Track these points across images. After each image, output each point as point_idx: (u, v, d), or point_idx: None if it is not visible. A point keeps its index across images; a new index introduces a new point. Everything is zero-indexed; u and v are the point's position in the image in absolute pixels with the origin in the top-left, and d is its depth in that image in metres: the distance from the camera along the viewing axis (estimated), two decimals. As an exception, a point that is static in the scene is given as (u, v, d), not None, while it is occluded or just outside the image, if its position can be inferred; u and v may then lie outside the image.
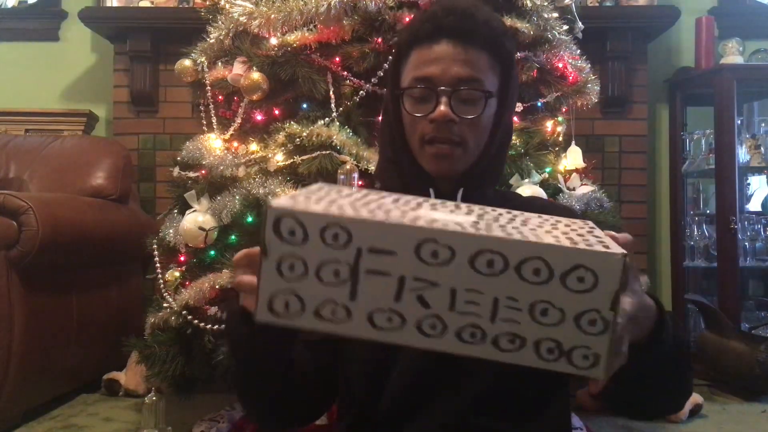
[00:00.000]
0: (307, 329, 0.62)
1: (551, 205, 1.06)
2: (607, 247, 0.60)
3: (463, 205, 0.74)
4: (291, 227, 0.60)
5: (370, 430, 0.93)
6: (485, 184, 1.00)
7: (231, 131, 1.90)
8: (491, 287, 0.59)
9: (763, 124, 2.83)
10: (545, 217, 0.72)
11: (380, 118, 1.11)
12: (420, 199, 0.74)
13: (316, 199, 0.64)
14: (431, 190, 0.96)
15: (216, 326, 1.61)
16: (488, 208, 0.72)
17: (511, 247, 0.59)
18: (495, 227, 0.62)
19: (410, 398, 0.91)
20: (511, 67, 0.98)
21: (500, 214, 0.70)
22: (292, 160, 1.75)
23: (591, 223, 0.71)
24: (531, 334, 0.60)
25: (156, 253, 1.85)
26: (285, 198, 0.64)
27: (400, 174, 0.99)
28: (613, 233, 0.67)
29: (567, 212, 0.99)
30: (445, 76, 0.92)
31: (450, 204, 0.74)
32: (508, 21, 1.77)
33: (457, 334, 0.60)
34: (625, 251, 0.59)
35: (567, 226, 0.69)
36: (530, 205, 1.01)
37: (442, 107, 0.92)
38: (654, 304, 0.74)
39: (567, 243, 0.60)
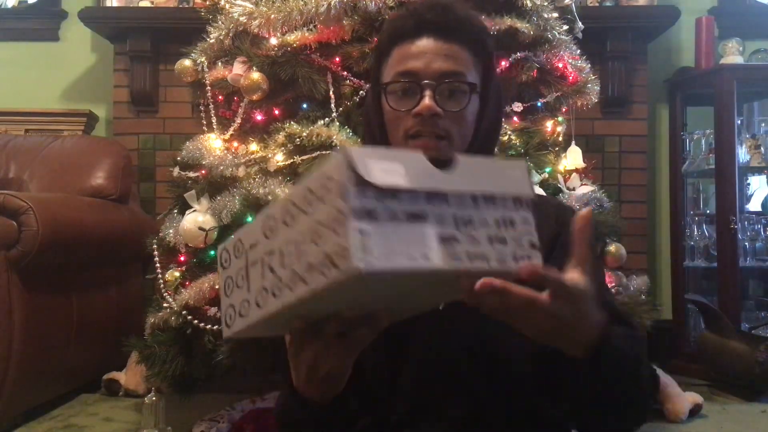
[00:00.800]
0: (241, 332, 0.72)
1: (544, 199, 1.07)
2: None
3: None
4: (224, 255, 0.74)
5: None
6: None
7: (231, 131, 1.90)
8: (288, 235, 0.65)
9: (763, 124, 2.83)
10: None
11: (362, 116, 1.11)
12: None
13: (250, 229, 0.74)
14: None
15: (216, 326, 1.61)
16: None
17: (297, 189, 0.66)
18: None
19: (422, 402, 0.90)
20: (492, 64, 0.98)
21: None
22: (292, 160, 1.75)
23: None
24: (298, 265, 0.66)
25: (156, 253, 1.85)
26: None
27: None
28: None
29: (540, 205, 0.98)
30: (428, 69, 0.92)
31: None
32: (508, 21, 1.77)
33: (288, 287, 0.64)
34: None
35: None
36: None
37: (426, 100, 0.91)
38: (603, 321, 0.72)
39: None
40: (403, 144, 0.94)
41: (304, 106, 1.86)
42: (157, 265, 1.83)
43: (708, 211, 2.88)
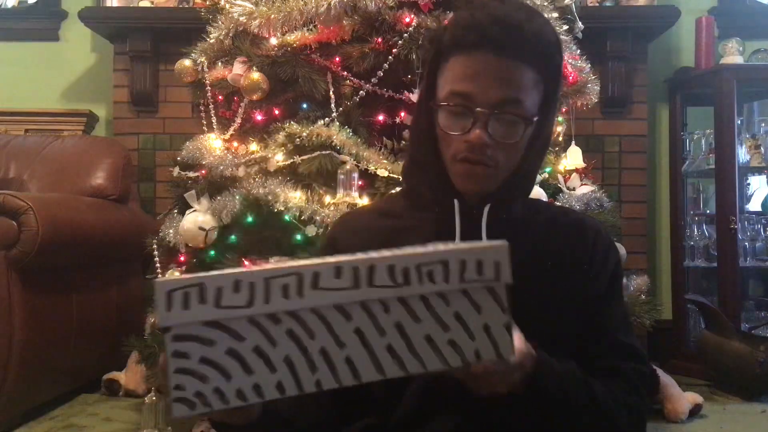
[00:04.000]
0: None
1: (578, 222, 1.01)
2: None
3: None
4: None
5: None
6: (513, 200, 0.96)
7: (231, 131, 1.90)
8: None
9: (763, 124, 2.83)
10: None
11: (413, 116, 1.07)
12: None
13: None
14: (456, 202, 0.93)
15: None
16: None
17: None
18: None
19: (429, 401, 0.89)
20: (557, 83, 0.93)
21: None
22: (292, 160, 1.75)
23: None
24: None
25: (156, 253, 1.85)
26: None
27: (428, 179, 0.96)
28: None
29: (582, 229, 0.98)
30: (484, 96, 0.86)
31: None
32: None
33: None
34: None
35: None
36: (554, 222, 0.99)
37: (477, 131, 0.87)
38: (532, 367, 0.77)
39: None
40: (451, 164, 0.91)
41: (304, 106, 1.86)
42: (157, 265, 1.83)
43: (708, 211, 2.88)
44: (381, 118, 1.84)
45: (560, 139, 2.09)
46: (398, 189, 1.59)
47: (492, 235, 0.91)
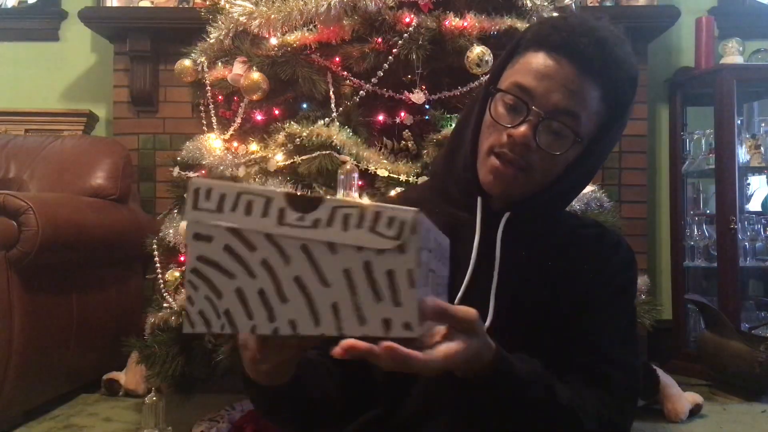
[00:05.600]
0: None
1: (598, 236, 0.99)
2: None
3: None
4: (426, 234, 0.63)
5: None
6: (538, 215, 0.93)
7: (231, 131, 1.90)
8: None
9: (763, 124, 2.83)
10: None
11: (465, 107, 1.05)
12: None
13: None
14: (478, 199, 0.91)
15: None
16: None
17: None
18: None
19: (434, 398, 0.89)
20: (621, 117, 0.90)
21: None
22: (292, 160, 1.75)
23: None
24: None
25: (156, 253, 1.85)
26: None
27: (456, 175, 0.94)
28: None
29: (600, 243, 0.97)
30: (545, 97, 0.84)
31: None
32: (508, 21, 1.77)
33: None
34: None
35: None
36: (572, 234, 0.96)
37: (524, 128, 0.84)
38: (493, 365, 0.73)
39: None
40: (485, 155, 0.89)
41: (304, 106, 1.86)
42: (157, 265, 1.83)
43: (708, 211, 2.88)
44: (381, 118, 1.84)
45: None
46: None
47: (507, 243, 0.90)
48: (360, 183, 1.72)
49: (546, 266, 0.92)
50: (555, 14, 1.78)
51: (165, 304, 1.73)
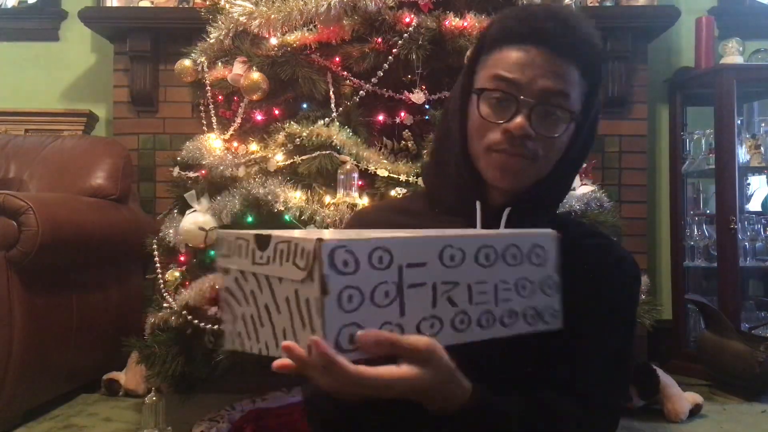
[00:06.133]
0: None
1: (604, 247, 0.96)
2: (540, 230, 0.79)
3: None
4: (344, 258, 0.63)
5: None
6: (539, 209, 0.92)
7: (231, 131, 1.90)
8: (491, 275, 0.73)
9: (763, 124, 2.83)
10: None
11: (441, 113, 1.03)
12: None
13: (333, 233, 0.72)
14: (478, 204, 0.90)
15: (216, 326, 1.61)
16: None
17: (496, 239, 0.74)
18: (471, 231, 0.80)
19: None
20: (598, 90, 0.91)
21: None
22: (292, 160, 1.75)
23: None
24: (521, 307, 0.75)
25: (156, 253, 1.85)
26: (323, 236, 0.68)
27: (450, 180, 0.93)
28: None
29: (605, 255, 0.94)
30: (531, 85, 0.85)
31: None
32: (508, 21, 1.77)
33: (477, 322, 0.72)
34: (554, 231, 0.79)
35: None
36: (578, 243, 0.92)
37: (519, 119, 0.84)
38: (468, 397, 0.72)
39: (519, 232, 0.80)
40: (485, 154, 0.88)
41: (304, 106, 1.86)
42: (157, 265, 1.83)
43: (708, 211, 2.88)
44: (381, 118, 1.84)
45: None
46: (418, 190, 1.59)
47: None
48: (360, 183, 1.72)
49: None
50: (557, 14, 1.77)
51: (165, 304, 1.73)
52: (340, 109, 1.78)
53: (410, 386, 0.67)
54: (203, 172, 1.83)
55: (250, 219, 1.71)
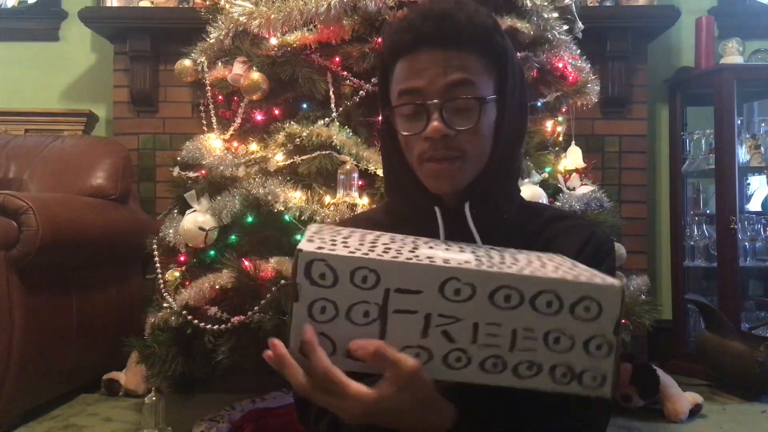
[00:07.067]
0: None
1: (573, 226, 0.97)
2: (603, 279, 0.66)
3: (454, 244, 0.80)
4: (322, 271, 0.63)
5: None
6: (495, 195, 0.92)
7: (231, 131, 1.90)
8: (509, 319, 0.64)
9: (763, 124, 2.83)
10: (526, 252, 0.77)
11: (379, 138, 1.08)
12: (411, 238, 0.79)
13: (331, 241, 0.69)
14: (437, 209, 0.91)
15: (216, 326, 1.61)
16: (477, 246, 0.76)
17: (526, 282, 0.64)
18: (497, 264, 0.67)
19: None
20: (506, 63, 0.90)
21: (491, 249, 0.75)
22: (292, 160, 1.75)
23: (564, 257, 0.77)
24: (547, 361, 0.66)
25: (156, 253, 1.85)
26: (307, 242, 0.67)
27: (404, 195, 0.95)
28: None
29: (575, 233, 0.94)
30: (432, 86, 0.86)
31: (441, 243, 0.79)
32: (508, 21, 1.77)
33: (480, 365, 0.65)
34: (620, 282, 0.65)
35: (550, 260, 0.74)
36: (548, 225, 0.94)
37: (434, 123, 0.85)
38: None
39: (570, 277, 0.65)
40: (418, 166, 0.90)
41: (304, 106, 1.86)
42: (157, 265, 1.82)
43: (708, 211, 2.88)
44: (381, 118, 1.84)
45: (560, 139, 2.09)
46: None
47: (483, 236, 0.89)
48: (360, 183, 1.72)
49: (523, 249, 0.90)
50: (507, 19, 1.76)
51: (165, 304, 1.73)
52: (340, 109, 1.78)
53: (384, 405, 0.66)
54: (203, 172, 1.83)
55: (250, 219, 1.71)
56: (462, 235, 0.89)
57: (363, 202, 1.68)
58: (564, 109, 2.06)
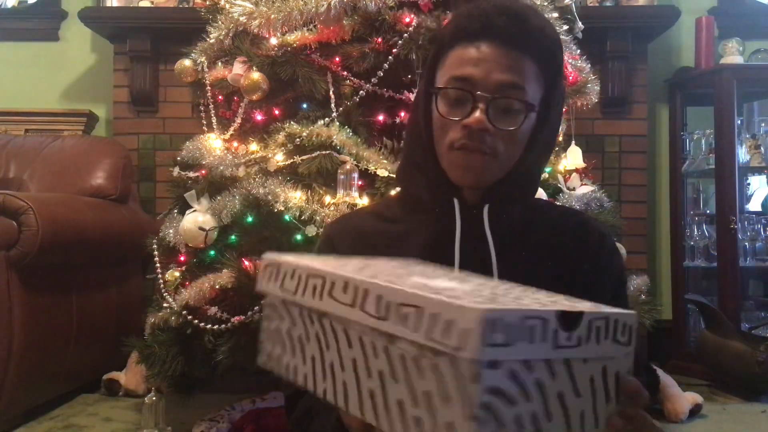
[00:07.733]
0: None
1: (583, 224, 0.98)
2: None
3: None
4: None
5: None
6: (515, 201, 0.93)
7: (231, 131, 1.90)
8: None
9: (763, 124, 2.83)
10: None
11: (409, 116, 1.06)
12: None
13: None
14: (456, 201, 0.91)
15: (216, 326, 1.61)
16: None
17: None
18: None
19: None
20: (558, 81, 0.92)
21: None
22: (292, 160, 1.75)
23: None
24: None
25: (156, 253, 1.85)
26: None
27: (425, 180, 0.94)
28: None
29: (586, 232, 0.95)
30: (486, 80, 0.86)
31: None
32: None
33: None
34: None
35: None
36: (557, 223, 0.95)
37: (477, 114, 0.85)
38: None
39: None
40: (447, 153, 0.89)
41: (304, 106, 1.86)
42: (157, 265, 1.82)
43: (708, 211, 2.88)
44: (381, 118, 1.84)
45: (560, 139, 2.09)
46: (394, 192, 1.59)
47: (495, 236, 0.89)
48: (360, 183, 1.72)
49: (536, 255, 0.91)
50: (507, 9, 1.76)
51: (165, 304, 1.73)
52: (340, 109, 1.78)
53: None
54: (203, 172, 1.83)
55: (250, 219, 1.71)
56: (475, 233, 0.89)
57: (363, 202, 1.68)
58: (564, 109, 2.06)
